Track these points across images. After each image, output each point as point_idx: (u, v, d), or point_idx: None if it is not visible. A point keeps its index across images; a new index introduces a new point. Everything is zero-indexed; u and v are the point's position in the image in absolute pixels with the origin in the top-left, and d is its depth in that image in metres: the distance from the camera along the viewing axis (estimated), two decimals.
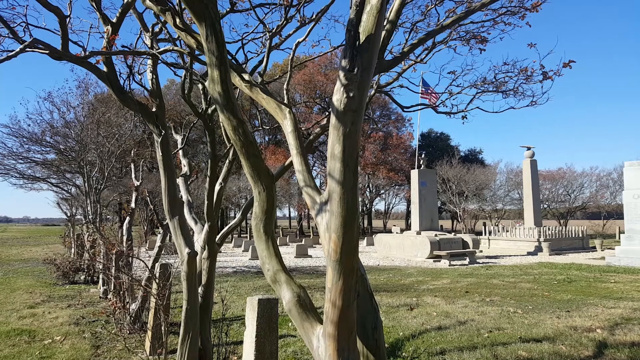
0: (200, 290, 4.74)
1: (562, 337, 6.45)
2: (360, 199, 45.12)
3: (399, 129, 47.72)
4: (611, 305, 8.77)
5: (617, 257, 17.06)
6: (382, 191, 46.15)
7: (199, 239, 5.00)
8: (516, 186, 39.93)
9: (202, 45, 2.53)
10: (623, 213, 17.88)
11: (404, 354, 5.76)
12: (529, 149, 26.99)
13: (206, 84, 2.58)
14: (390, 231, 38.46)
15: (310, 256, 21.15)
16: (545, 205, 40.68)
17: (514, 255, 21.70)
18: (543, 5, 5.31)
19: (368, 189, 44.33)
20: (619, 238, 18.47)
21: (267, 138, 47.61)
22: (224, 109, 2.44)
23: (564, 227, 26.84)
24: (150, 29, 4.59)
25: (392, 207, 53.69)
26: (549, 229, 24.63)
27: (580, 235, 25.44)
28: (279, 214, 60.18)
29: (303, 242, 25.41)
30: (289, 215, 64.22)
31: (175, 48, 4.15)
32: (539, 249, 22.87)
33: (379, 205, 57.36)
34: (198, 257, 4.68)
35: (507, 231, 25.99)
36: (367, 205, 46.96)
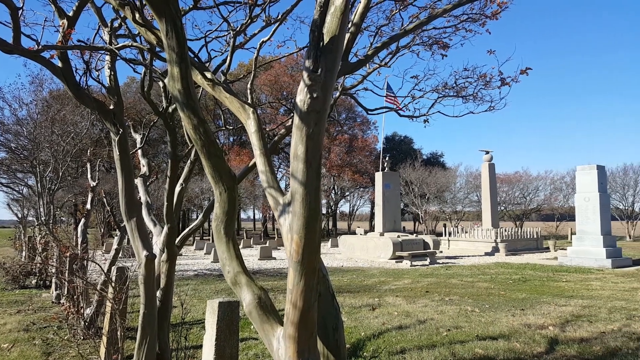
0: (158, 293, 4.62)
1: (516, 334, 6.66)
2: (325, 200, 45.47)
3: (364, 131, 48.29)
4: (563, 303, 9.14)
5: (568, 257, 17.82)
6: (347, 193, 46.50)
7: (157, 242, 4.87)
8: (475, 189, 41.09)
9: (162, 41, 2.47)
10: (575, 215, 18.71)
11: (365, 353, 5.80)
12: (487, 152, 27.83)
13: (166, 81, 2.52)
14: (354, 233, 38.77)
15: (275, 258, 21.03)
16: (503, 208, 42.09)
17: (473, 256, 22.30)
18: (503, 14, 5.49)
19: (333, 191, 44.53)
20: (571, 239, 19.31)
21: (231, 139, 47.04)
22: (184, 107, 2.38)
23: (519, 229, 27.84)
24: (109, 24, 4.44)
25: (357, 209, 54.19)
26: (505, 230, 25.47)
27: (535, 237, 26.44)
28: (243, 215, 59.51)
29: (267, 244, 25.24)
30: (254, 217, 63.65)
31: (135, 44, 4.03)
32: (496, 250, 23.61)
33: (344, 207, 57.78)
34: (157, 260, 4.56)
35: (466, 232, 26.71)
36: (332, 207, 47.19)
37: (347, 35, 3.31)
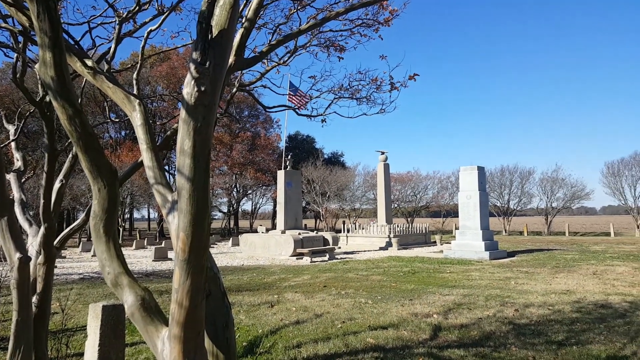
0: (34, 299, 4.23)
1: (404, 323, 7.12)
2: (227, 199, 44.52)
3: (267, 129, 48.22)
4: (446, 293, 9.94)
5: (452, 250, 19.40)
6: (249, 191, 46.06)
7: (33, 243, 4.45)
8: (372, 187, 43.09)
9: (34, 24, 2.25)
10: (458, 212, 20.44)
11: (261, 350, 5.82)
12: (383, 153, 29.30)
13: (37, 67, 2.31)
14: (256, 231, 38.54)
15: (171, 259, 20.15)
16: (396, 205, 44.69)
17: (368, 251, 23.36)
18: (395, 21, 5.83)
19: (235, 189, 43.84)
20: (455, 234, 21.05)
21: (123, 133, 44.08)
22: (57, 95, 2.20)
23: (410, 225, 29.73)
24: None
25: (259, 207, 53.98)
26: (398, 226, 27.06)
27: (424, 232, 28.44)
28: (137, 215, 56.26)
29: (163, 245, 24.08)
30: (148, 216, 60.48)
31: (4, 25, 3.62)
32: (389, 244, 24.98)
33: (246, 206, 57.21)
34: (32, 263, 4.17)
35: (363, 229, 27.93)
36: (234, 206, 46.42)
37: (241, 30, 3.29)
